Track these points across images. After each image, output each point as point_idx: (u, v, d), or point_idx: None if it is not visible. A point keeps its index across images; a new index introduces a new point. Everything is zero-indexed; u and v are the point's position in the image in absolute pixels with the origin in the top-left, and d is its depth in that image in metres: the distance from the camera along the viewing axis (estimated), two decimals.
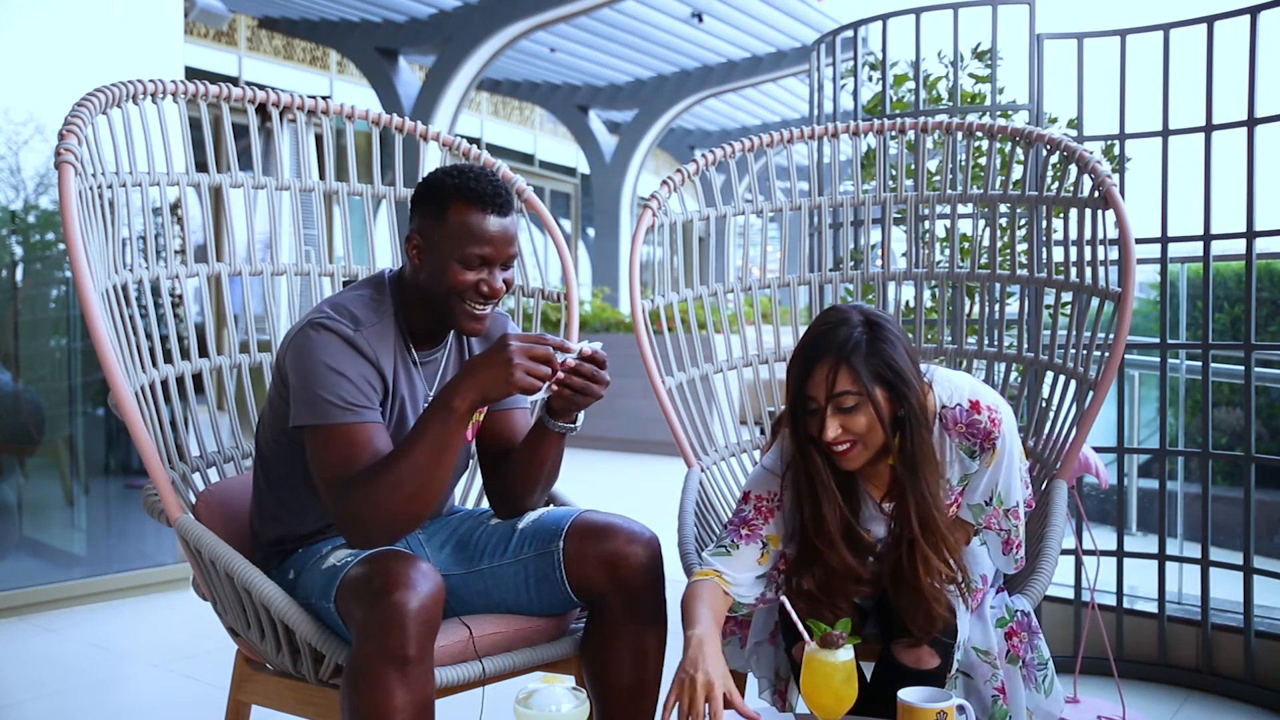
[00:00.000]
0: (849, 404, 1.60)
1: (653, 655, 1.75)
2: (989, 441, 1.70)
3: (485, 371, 1.55)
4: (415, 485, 1.57)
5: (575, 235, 15.28)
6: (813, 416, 1.64)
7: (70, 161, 1.78)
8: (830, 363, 1.60)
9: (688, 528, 2.12)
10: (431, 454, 1.56)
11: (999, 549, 1.78)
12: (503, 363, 1.54)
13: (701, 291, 2.52)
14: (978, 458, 1.72)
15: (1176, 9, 2.75)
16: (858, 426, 1.61)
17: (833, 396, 1.60)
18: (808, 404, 1.64)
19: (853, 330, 1.61)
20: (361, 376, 1.65)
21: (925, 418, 1.65)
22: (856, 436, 1.62)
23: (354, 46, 10.71)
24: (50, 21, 3.48)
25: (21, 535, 3.71)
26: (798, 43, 10.70)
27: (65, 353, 3.66)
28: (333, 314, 1.68)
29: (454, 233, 1.67)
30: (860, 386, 1.59)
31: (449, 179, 1.69)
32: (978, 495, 1.74)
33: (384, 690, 1.45)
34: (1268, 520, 4.10)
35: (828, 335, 1.62)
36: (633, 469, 6.88)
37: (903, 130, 2.51)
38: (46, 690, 2.76)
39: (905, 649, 1.68)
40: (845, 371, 1.59)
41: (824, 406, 1.61)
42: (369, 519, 1.58)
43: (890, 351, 1.61)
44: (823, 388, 1.60)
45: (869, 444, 1.63)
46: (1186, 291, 3.06)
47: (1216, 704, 2.69)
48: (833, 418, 1.61)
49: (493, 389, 1.55)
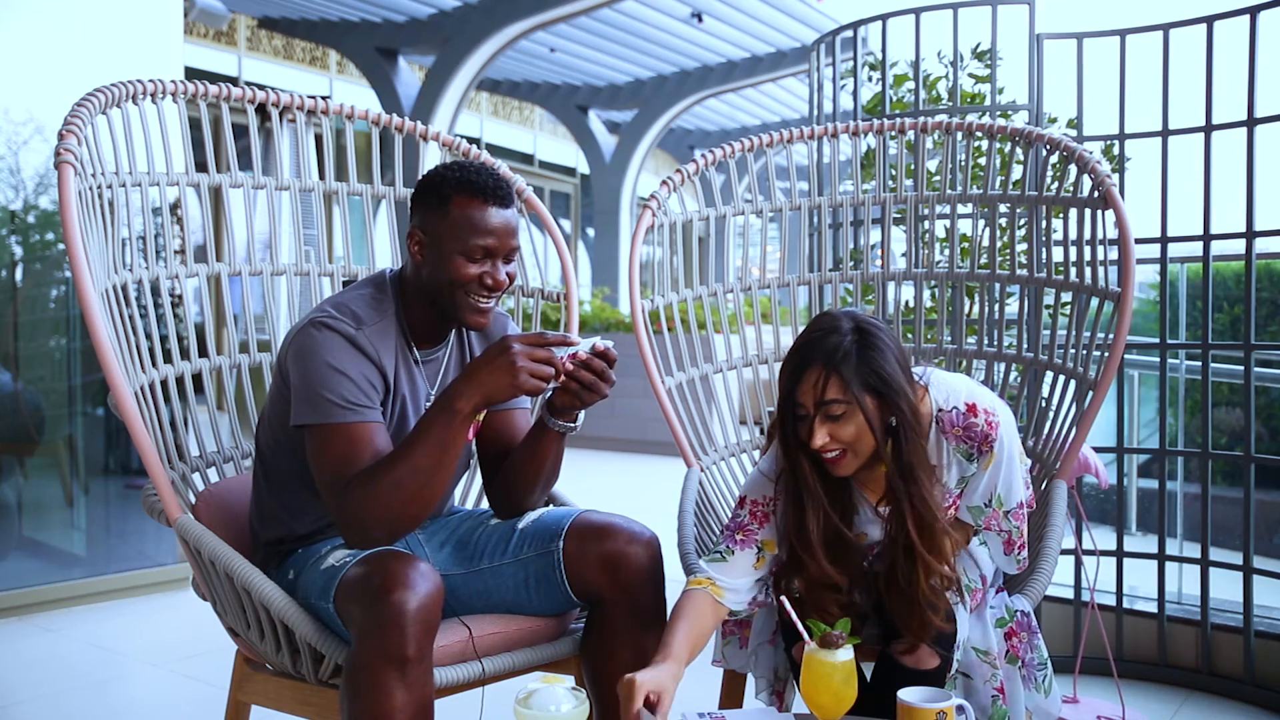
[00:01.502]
0: (837, 412, 1.60)
1: (652, 655, 1.74)
2: (986, 444, 1.69)
3: (488, 374, 1.55)
4: (416, 486, 1.57)
5: (575, 235, 15.28)
6: (802, 423, 1.64)
7: (70, 161, 1.78)
8: (819, 371, 1.60)
9: (687, 528, 2.12)
10: (433, 455, 1.56)
11: (1000, 549, 1.77)
12: (506, 365, 1.54)
13: (701, 291, 2.52)
14: (975, 460, 1.71)
15: (1176, 9, 2.75)
16: (846, 435, 1.61)
17: (821, 404, 1.60)
18: (797, 410, 1.64)
19: (842, 339, 1.61)
20: (363, 375, 1.65)
21: (919, 424, 1.64)
22: (845, 444, 1.62)
23: (354, 46, 10.70)
24: (50, 21, 3.48)
25: (21, 535, 3.71)
26: (797, 43, 10.70)
27: (65, 353, 3.66)
28: (334, 313, 1.68)
29: (456, 225, 1.67)
30: (849, 395, 1.59)
31: (450, 173, 1.70)
32: (977, 497, 1.74)
33: (383, 690, 1.45)
34: (1267, 520, 4.10)
35: (817, 343, 1.62)
36: (632, 469, 6.88)
37: (902, 130, 2.51)
38: (46, 690, 2.76)
39: (904, 650, 1.68)
40: (834, 380, 1.59)
41: (812, 414, 1.61)
42: (369, 519, 1.58)
43: (880, 360, 1.60)
44: (811, 395, 1.61)
45: (859, 452, 1.63)
46: (1186, 291, 3.06)
47: (1216, 704, 2.69)
48: (821, 425, 1.61)
49: (496, 391, 1.55)
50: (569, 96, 13.10)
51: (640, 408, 7.41)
